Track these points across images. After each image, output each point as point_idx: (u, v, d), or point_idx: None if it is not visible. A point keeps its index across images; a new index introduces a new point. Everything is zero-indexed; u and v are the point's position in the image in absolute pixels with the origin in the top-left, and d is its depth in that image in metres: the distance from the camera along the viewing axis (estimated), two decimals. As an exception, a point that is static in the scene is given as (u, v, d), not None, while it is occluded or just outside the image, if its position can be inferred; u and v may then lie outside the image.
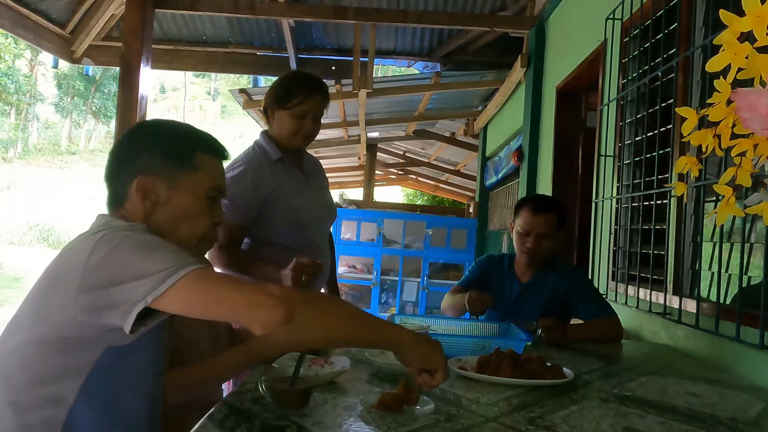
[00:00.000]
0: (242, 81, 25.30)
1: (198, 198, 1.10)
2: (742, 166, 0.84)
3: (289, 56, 5.48)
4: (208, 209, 1.12)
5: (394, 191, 17.36)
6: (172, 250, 0.95)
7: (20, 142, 31.72)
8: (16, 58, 29.56)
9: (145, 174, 1.07)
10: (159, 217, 1.08)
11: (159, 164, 1.08)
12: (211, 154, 1.14)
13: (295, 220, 2.01)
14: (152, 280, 0.90)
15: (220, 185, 1.15)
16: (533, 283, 2.21)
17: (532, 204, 2.17)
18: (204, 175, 1.11)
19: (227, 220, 1.92)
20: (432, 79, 5.69)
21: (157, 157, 1.09)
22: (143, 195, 1.07)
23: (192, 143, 1.13)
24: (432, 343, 1.06)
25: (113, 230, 0.98)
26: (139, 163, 1.08)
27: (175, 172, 1.09)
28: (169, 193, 1.08)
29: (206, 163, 1.12)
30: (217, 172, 1.15)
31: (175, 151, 1.10)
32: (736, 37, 0.77)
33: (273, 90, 2.00)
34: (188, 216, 1.10)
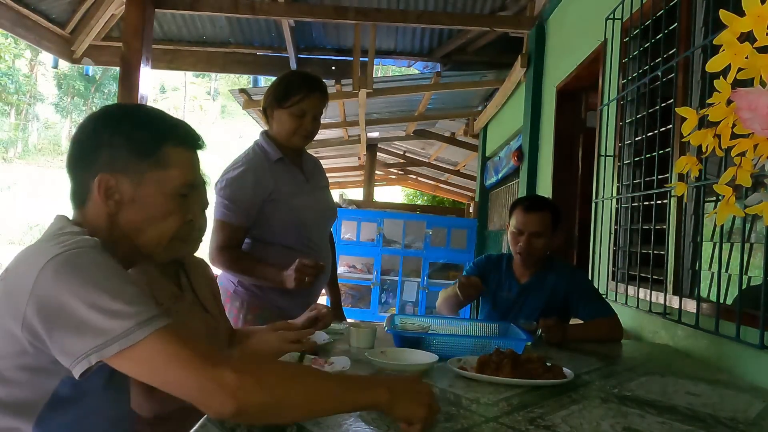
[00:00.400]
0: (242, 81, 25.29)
1: (168, 197, 1.00)
2: (742, 166, 0.84)
3: (289, 56, 5.49)
4: (180, 207, 1.02)
5: (394, 191, 17.36)
6: (126, 298, 0.84)
7: (20, 142, 31.72)
8: (16, 58, 29.57)
9: (107, 171, 0.96)
10: (124, 217, 0.98)
11: (123, 160, 0.97)
12: (182, 145, 1.02)
13: (295, 220, 2.00)
14: (98, 338, 0.81)
15: (193, 180, 1.04)
16: (532, 283, 2.20)
17: (524, 203, 2.19)
18: (174, 171, 1.00)
19: (228, 221, 1.94)
20: (432, 79, 5.69)
21: (121, 151, 0.97)
22: (105, 194, 0.97)
23: (160, 135, 1.00)
24: (414, 393, 0.95)
25: (64, 246, 0.88)
26: (100, 157, 0.97)
27: (141, 168, 0.98)
28: (135, 192, 0.98)
29: (177, 157, 1.01)
30: (190, 166, 1.03)
31: (141, 145, 0.98)
32: (736, 37, 0.77)
33: (272, 90, 2.00)
34: (157, 216, 0.99)
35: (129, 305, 0.83)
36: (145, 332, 0.82)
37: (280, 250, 1.98)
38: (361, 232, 6.84)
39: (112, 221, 0.99)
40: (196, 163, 1.06)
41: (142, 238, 1.00)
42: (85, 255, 0.88)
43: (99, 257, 0.89)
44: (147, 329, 0.82)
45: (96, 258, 0.88)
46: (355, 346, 1.65)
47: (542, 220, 2.14)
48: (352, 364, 1.36)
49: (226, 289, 2.03)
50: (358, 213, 7.02)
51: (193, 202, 1.06)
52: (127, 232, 0.99)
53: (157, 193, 0.99)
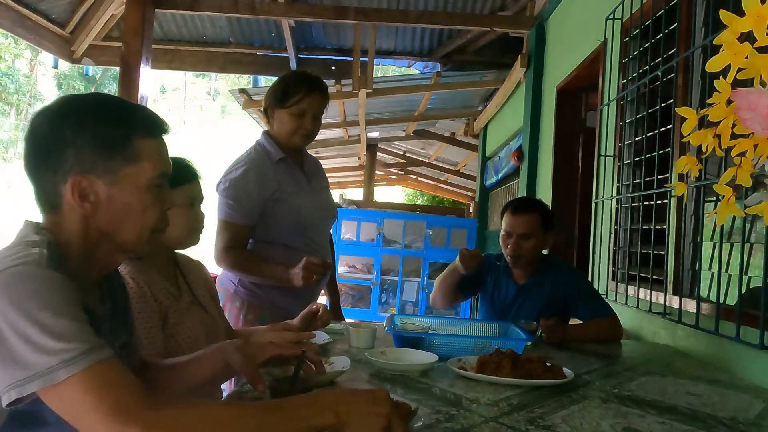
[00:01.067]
0: (242, 81, 25.29)
1: (143, 190, 0.96)
2: (742, 166, 0.84)
3: (289, 56, 5.49)
4: (156, 198, 0.99)
5: (394, 191, 17.36)
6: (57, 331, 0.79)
7: (20, 142, 31.69)
8: (16, 58, 29.59)
9: (78, 173, 0.92)
10: (101, 217, 0.95)
11: (92, 159, 0.93)
12: (149, 135, 0.98)
13: (297, 220, 2.01)
14: (20, 372, 0.76)
15: (166, 169, 1.00)
16: (530, 284, 2.20)
17: (512, 206, 2.20)
18: (146, 163, 0.96)
19: (232, 221, 1.94)
20: (432, 79, 5.69)
21: (89, 151, 0.93)
22: (80, 197, 0.93)
23: (126, 128, 0.96)
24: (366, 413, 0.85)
25: (12, 260, 0.84)
26: (67, 158, 0.92)
27: (112, 166, 0.94)
28: (110, 190, 0.94)
29: (146, 148, 0.97)
30: (161, 155, 0.99)
31: (109, 142, 0.94)
32: (736, 37, 0.77)
33: (272, 90, 2.01)
34: (135, 212, 0.96)
35: (57, 340, 0.78)
36: (68, 372, 0.77)
37: (282, 250, 1.98)
38: (361, 232, 6.84)
39: (88, 223, 0.95)
40: (164, 150, 1.01)
41: (122, 236, 0.97)
42: (26, 275, 0.83)
43: (41, 278, 0.83)
44: (70, 369, 0.77)
45: (38, 279, 0.83)
46: (355, 346, 1.65)
47: (530, 221, 2.13)
48: (352, 364, 1.36)
49: (226, 289, 2.03)
50: (358, 213, 7.02)
51: (167, 191, 1.03)
52: (105, 231, 0.96)
53: (132, 188, 0.96)
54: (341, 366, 1.32)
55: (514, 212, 2.16)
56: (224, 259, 1.95)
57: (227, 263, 1.95)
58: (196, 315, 1.47)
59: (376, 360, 1.39)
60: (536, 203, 2.28)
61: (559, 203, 3.77)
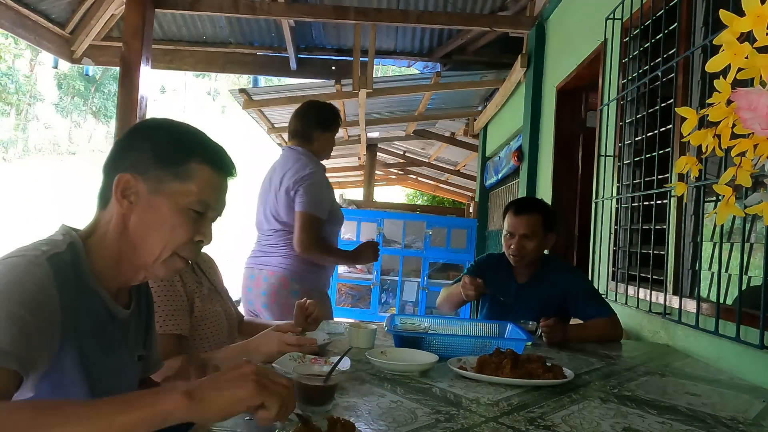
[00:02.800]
0: (242, 81, 25.30)
1: (178, 209, 0.98)
2: (742, 166, 0.84)
3: (289, 56, 5.49)
4: (191, 223, 0.99)
5: (394, 191, 17.36)
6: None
7: (20, 142, 31.73)
8: (16, 58, 29.58)
9: (130, 171, 0.97)
10: (134, 220, 0.97)
11: (147, 164, 0.98)
12: (210, 165, 1.01)
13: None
14: None
15: (210, 201, 1.01)
16: (531, 283, 2.21)
17: (515, 206, 2.22)
18: (193, 186, 0.98)
19: (320, 216, 2.36)
20: (432, 79, 5.69)
21: (149, 156, 0.98)
22: (122, 193, 0.97)
23: (190, 149, 1.00)
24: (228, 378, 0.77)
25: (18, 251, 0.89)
26: (129, 159, 0.99)
27: (161, 175, 0.97)
28: (150, 197, 0.97)
29: (200, 174, 0.99)
30: (211, 186, 1.01)
31: (167, 154, 0.99)
32: (736, 37, 0.77)
33: (318, 116, 2.51)
34: (163, 225, 0.97)
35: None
36: None
37: None
38: (361, 232, 6.83)
39: (125, 224, 0.98)
40: (220, 187, 1.03)
41: (144, 245, 0.98)
42: (14, 267, 0.85)
43: (24, 274, 0.85)
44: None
45: (21, 274, 0.85)
46: (355, 347, 1.65)
47: (532, 222, 2.15)
48: (352, 364, 1.36)
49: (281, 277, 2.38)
50: (358, 213, 7.02)
51: (207, 225, 1.03)
52: (133, 236, 0.98)
53: (170, 203, 0.98)
54: (341, 366, 1.32)
55: (517, 213, 2.17)
56: (317, 250, 2.35)
57: (319, 252, 2.37)
58: (217, 301, 1.59)
59: (376, 360, 1.40)
60: (538, 204, 2.29)
61: (559, 203, 3.77)
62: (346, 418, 0.96)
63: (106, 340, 0.99)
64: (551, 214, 2.24)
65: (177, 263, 1.02)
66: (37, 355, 0.83)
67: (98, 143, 34.23)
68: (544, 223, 2.17)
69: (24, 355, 0.80)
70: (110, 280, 1.00)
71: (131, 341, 1.07)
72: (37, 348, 0.83)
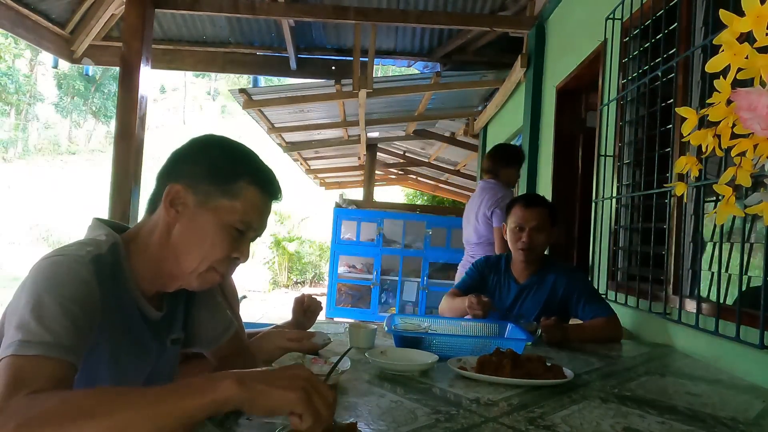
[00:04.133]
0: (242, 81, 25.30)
1: (222, 225, 1.00)
2: (742, 166, 0.84)
3: (289, 56, 5.49)
4: (231, 240, 1.02)
5: (394, 191, 17.36)
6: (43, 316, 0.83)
7: (20, 142, 31.74)
8: (16, 58, 29.59)
9: (182, 182, 1.00)
10: (178, 230, 1.01)
11: (200, 177, 1.01)
12: (257, 187, 1.03)
13: None
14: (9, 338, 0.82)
15: (252, 221, 1.03)
16: (530, 283, 2.21)
17: (523, 200, 2.25)
18: (240, 205, 1.01)
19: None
20: (432, 79, 5.69)
21: (203, 169, 1.01)
22: (171, 202, 1.00)
23: (241, 169, 1.02)
24: (279, 377, 0.78)
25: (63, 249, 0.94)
26: (183, 170, 1.02)
27: (211, 191, 1.00)
28: (196, 210, 1.00)
29: (248, 195, 1.02)
30: (256, 207, 1.03)
31: (220, 171, 1.01)
32: (736, 37, 0.77)
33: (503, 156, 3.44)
34: (205, 239, 1.00)
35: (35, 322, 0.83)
36: (10, 350, 0.80)
37: None
38: (361, 232, 6.84)
39: (169, 232, 1.01)
40: (264, 209, 1.06)
41: (184, 256, 1.01)
42: (60, 265, 0.90)
43: (71, 273, 0.89)
44: (13, 348, 0.80)
45: (67, 273, 0.89)
46: (355, 347, 1.65)
47: (542, 214, 2.19)
48: (352, 364, 1.36)
49: None
50: (358, 213, 7.02)
51: (246, 244, 1.05)
52: (176, 246, 1.01)
53: (215, 219, 1.00)
54: (341, 366, 1.32)
55: (527, 206, 2.21)
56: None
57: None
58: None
59: (376, 360, 1.40)
60: (543, 198, 2.32)
61: (559, 203, 3.76)
62: (345, 418, 0.96)
63: (139, 339, 1.03)
64: (554, 208, 2.30)
65: (213, 277, 1.04)
66: (85, 349, 0.88)
67: (98, 143, 34.24)
68: (550, 215, 2.22)
69: (78, 348, 0.86)
70: (147, 283, 1.04)
71: (164, 336, 1.11)
72: (85, 342, 0.88)
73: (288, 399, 0.76)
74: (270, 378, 0.78)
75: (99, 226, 1.03)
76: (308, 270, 14.73)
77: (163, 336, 1.10)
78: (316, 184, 12.66)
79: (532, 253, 2.18)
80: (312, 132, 7.88)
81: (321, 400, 0.78)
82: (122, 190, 4.08)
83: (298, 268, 14.54)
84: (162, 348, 1.10)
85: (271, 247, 14.43)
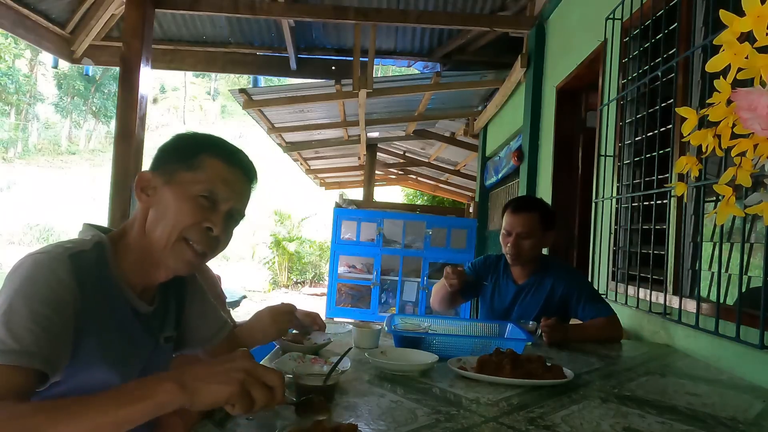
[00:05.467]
0: (242, 81, 25.30)
1: (187, 196, 1.02)
2: (742, 166, 0.84)
3: (289, 56, 5.49)
4: (199, 209, 1.02)
5: (394, 191, 17.36)
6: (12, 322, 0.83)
7: (20, 142, 31.74)
8: (16, 58, 29.59)
9: (151, 169, 1.06)
10: (151, 214, 1.03)
11: (165, 159, 1.06)
12: (220, 158, 1.06)
13: None
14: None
15: (218, 191, 1.04)
16: (529, 284, 2.20)
17: (512, 205, 2.22)
18: (202, 175, 1.03)
19: None
20: (432, 79, 5.69)
21: (167, 153, 1.07)
22: (142, 189, 1.04)
23: (202, 145, 1.07)
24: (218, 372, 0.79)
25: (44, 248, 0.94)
26: (153, 161, 1.08)
27: (174, 168, 1.04)
28: (164, 189, 1.03)
29: (210, 165, 1.04)
30: (221, 178, 1.04)
31: (182, 149, 1.06)
32: (736, 37, 0.77)
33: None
34: (171, 209, 1.01)
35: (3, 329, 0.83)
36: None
37: None
38: (361, 232, 6.84)
39: (145, 218, 1.04)
40: (231, 179, 1.06)
41: (155, 232, 1.02)
42: (38, 264, 0.90)
43: (48, 271, 0.90)
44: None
45: (44, 271, 0.89)
46: (359, 347, 1.65)
47: (529, 221, 2.15)
48: (352, 364, 1.36)
49: None
50: (358, 213, 7.02)
51: (216, 214, 1.05)
52: (148, 227, 1.03)
53: (180, 191, 1.03)
54: (342, 366, 1.32)
55: (514, 211, 2.18)
56: None
57: None
58: None
59: (376, 360, 1.40)
60: (536, 202, 2.28)
61: (559, 203, 3.77)
62: (346, 418, 0.96)
63: (130, 334, 1.03)
64: (549, 211, 2.24)
65: (184, 251, 1.03)
66: (64, 350, 0.88)
67: (98, 143, 34.23)
68: (542, 221, 2.16)
69: (49, 353, 0.85)
70: (135, 277, 1.05)
71: (156, 331, 1.11)
72: (64, 343, 0.88)
73: (224, 393, 0.78)
74: (209, 375, 0.79)
75: (88, 230, 1.05)
76: (308, 270, 14.74)
77: (156, 331, 1.10)
78: (316, 184, 12.66)
79: (519, 258, 2.17)
80: (312, 132, 7.88)
81: (260, 390, 0.79)
82: (122, 189, 4.08)
83: (298, 268, 14.55)
84: (155, 344, 1.10)
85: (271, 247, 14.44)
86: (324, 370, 1.31)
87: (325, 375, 1.12)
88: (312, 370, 1.26)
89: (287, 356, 1.39)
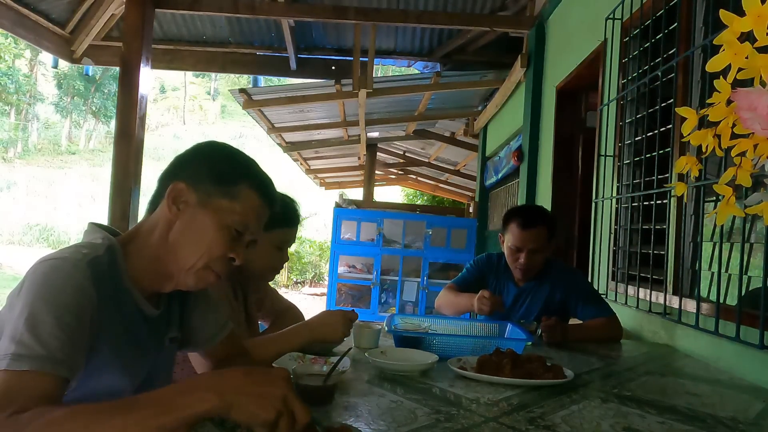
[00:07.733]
0: (242, 81, 25.30)
1: (221, 225, 1.02)
2: (742, 166, 0.84)
3: (289, 56, 5.49)
4: (229, 240, 1.04)
5: (394, 191, 17.36)
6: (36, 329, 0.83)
7: (20, 142, 31.72)
8: (16, 58, 29.58)
9: (185, 181, 1.03)
10: (178, 227, 1.02)
11: (202, 178, 1.04)
12: (257, 192, 1.06)
13: None
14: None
15: (250, 224, 1.05)
16: (530, 285, 2.20)
17: (520, 220, 2.13)
18: (238, 206, 1.03)
19: None
20: (432, 79, 5.69)
21: (205, 171, 1.04)
22: (173, 200, 1.02)
23: (242, 173, 1.06)
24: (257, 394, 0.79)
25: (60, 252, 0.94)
26: (187, 170, 1.05)
27: (211, 191, 1.03)
28: (197, 208, 1.02)
29: (247, 197, 1.04)
30: (254, 211, 1.05)
31: (222, 173, 1.04)
32: (736, 37, 0.77)
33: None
34: (204, 237, 1.02)
35: (29, 334, 0.83)
36: (2, 365, 0.80)
37: None
38: (361, 232, 6.84)
39: (169, 229, 1.03)
40: (262, 213, 1.08)
41: (182, 252, 1.02)
42: (56, 270, 0.90)
43: (66, 277, 0.89)
44: (5, 363, 0.80)
45: (63, 277, 0.89)
46: (360, 347, 1.65)
47: (540, 235, 2.12)
48: (352, 364, 1.36)
49: None
50: (358, 213, 7.02)
51: (241, 247, 1.07)
52: (174, 243, 1.02)
53: (214, 218, 1.02)
54: (341, 366, 1.32)
55: (524, 228, 2.11)
56: None
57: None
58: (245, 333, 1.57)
59: (376, 360, 1.39)
60: (543, 215, 2.21)
61: (559, 203, 3.77)
62: (345, 418, 0.96)
63: (138, 337, 1.04)
64: (554, 221, 2.21)
65: (208, 276, 1.05)
66: (82, 357, 0.89)
67: (98, 143, 34.23)
68: (549, 232, 2.15)
69: (73, 361, 0.86)
70: (145, 282, 1.05)
71: (162, 334, 1.12)
72: (81, 350, 0.88)
73: (259, 419, 0.78)
74: (250, 394, 0.78)
75: (95, 230, 1.04)
76: (308, 270, 14.74)
77: (161, 334, 1.11)
78: (316, 184, 12.66)
79: (530, 273, 2.16)
80: (312, 132, 7.88)
81: (287, 420, 0.79)
82: (122, 190, 4.08)
83: (298, 268, 14.54)
84: (160, 346, 1.10)
85: (271, 247, 14.39)
86: (324, 370, 1.31)
87: (325, 375, 1.12)
88: (312, 370, 1.25)
89: (288, 356, 1.39)
